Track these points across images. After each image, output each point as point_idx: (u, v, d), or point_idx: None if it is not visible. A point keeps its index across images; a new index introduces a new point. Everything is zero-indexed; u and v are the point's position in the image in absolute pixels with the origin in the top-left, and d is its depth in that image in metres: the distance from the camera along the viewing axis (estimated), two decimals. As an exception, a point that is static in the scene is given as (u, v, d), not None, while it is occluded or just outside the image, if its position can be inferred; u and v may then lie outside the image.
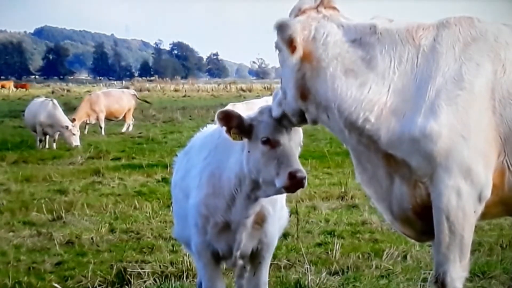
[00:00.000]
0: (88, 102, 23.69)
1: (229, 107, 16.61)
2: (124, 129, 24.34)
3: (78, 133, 19.37)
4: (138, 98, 26.40)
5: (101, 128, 23.63)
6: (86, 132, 23.34)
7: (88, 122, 23.52)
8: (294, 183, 4.24)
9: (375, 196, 4.17)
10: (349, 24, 4.09)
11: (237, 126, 4.45)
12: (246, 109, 13.70)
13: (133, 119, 25.41)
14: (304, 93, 4.04)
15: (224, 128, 4.48)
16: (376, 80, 3.94)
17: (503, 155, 3.91)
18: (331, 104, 3.97)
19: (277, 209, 4.86)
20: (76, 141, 19.02)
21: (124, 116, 24.65)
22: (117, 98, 24.56)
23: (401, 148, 3.91)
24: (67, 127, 19.00)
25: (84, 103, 23.78)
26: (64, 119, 19.38)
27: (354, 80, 3.95)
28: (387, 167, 4.02)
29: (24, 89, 70.22)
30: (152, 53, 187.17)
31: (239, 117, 4.47)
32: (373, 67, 3.96)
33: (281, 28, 3.99)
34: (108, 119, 24.21)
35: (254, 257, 4.86)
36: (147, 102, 29.91)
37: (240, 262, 4.87)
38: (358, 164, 4.13)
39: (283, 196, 5.02)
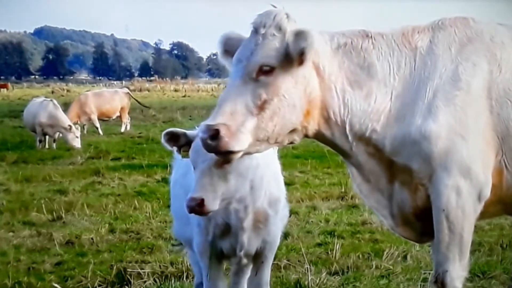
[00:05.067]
0: (77, 103, 23.69)
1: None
2: (122, 129, 24.36)
3: (79, 135, 19.38)
4: (137, 102, 26.33)
5: (97, 128, 23.57)
6: (85, 132, 23.34)
7: (79, 123, 23.42)
8: (188, 210, 4.25)
9: (376, 205, 4.15)
10: (329, 32, 3.99)
11: (186, 143, 4.47)
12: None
13: (129, 118, 25.41)
14: (309, 109, 3.84)
15: (175, 148, 4.51)
16: (379, 88, 3.92)
17: (501, 154, 3.93)
18: (344, 118, 3.91)
19: (280, 209, 4.86)
20: (78, 143, 19.02)
21: (120, 116, 24.68)
22: (108, 98, 24.56)
23: (402, 153, 3.91)
24: (70, 127, 19.01)
25: (74, 104, 23.78)
26: (65, 120, 19.42)
27: (360, 91, 3.91)
28: (389, 175, 4.03)
29: (5, 89, 69.44)
30: (152, 53, 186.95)
31: (185, 134, 4.49)
32: (373, 75, 3.94)
33: (303, 36, 3.69)
34: (100, 119, 24.26)
35: (257, 257, 4.87)
36: (145, 106, 29.75)
37: (245, 261, 4.87)
38: (358, 175, 4.10)
39: (284, 195, 5.02)
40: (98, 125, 23.62)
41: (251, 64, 3.73)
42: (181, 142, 4.51)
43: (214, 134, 3.64)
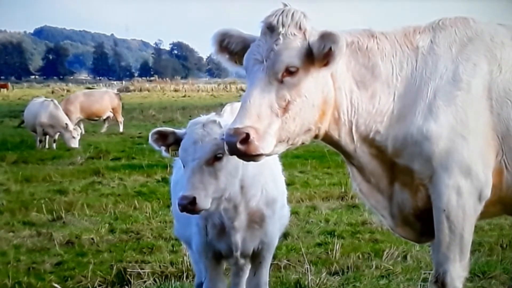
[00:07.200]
0: (66, 102, 23.67)
1: (228, 107, 16.61)
2: (121, 129, 24.38)
3: (78, 136, 19.35)
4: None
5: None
6: (84, 132, 23.32)
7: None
8: (180, 208, 4.24)
9: (376, 205, 4.16)
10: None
11: (175, 141, 4.48)
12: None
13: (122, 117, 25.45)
14: (324, 109, 3.82)
15: (163, 148, 4.51)
16: (383, 89, 3.93)
17: (501, 154, 3.94)
18: (351, 119, 3.92)
19: (277, 209, 4.85)
20: (75, 143, 19.03)
21: (115, 117, 24.69)
22: (98, 98, 24.61)
23: (404, 154, 3.92)
24: (66, 125, 19.01)
25: (63, 103, 23.74)
26: (66, 119, 19.43)
27: (365, 91, 3.92)
28: (390, 176, 4.03)
29: (5, 89, 69.14)
30: (152, 53, 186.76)
31: (173, 132, 4.50)
32: (377, 75, 3.94)
33: (331, 39, 3.63)
34: (90, 119, 24.32)
35: (255, 257, 4.86)
36: None
37: (242, 261, 4.87)
38: (359, 175, 4.11)
39: (284, 194, 5.02)
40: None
41: (277, 65, 3.67)
42: (170, 141, 4.52)
43: (244, 138, 3.56)
